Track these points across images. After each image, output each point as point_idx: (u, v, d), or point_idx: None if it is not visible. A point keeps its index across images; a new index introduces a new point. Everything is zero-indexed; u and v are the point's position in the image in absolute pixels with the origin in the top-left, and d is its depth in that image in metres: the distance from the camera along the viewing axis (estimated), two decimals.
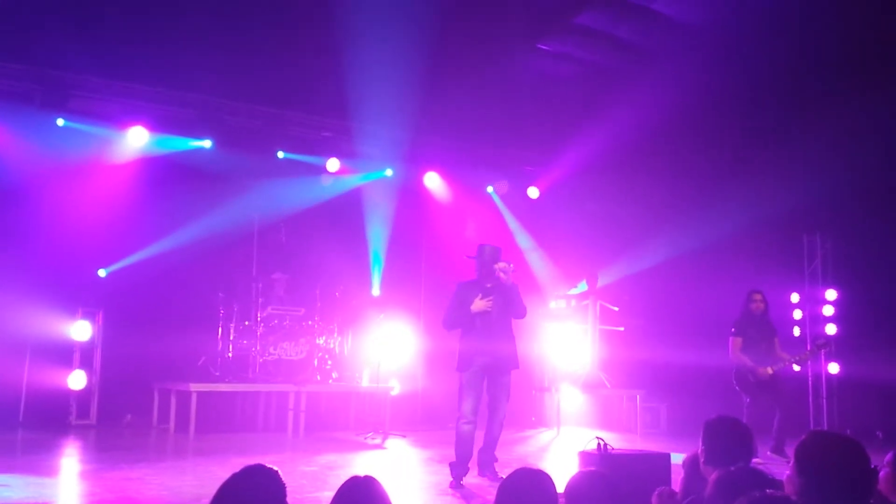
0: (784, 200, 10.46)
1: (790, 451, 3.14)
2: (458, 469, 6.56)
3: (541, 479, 2.94)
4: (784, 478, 3.52)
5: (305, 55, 10.03)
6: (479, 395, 6.63)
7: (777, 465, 7.36)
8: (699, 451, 3.85)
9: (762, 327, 8.63)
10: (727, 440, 3.68)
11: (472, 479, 6.69)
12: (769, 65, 10.24)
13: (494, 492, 6.25)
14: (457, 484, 6.49)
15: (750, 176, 10.79)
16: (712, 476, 3.47)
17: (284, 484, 2.87)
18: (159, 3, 9.39)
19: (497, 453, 6.89)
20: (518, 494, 2.95)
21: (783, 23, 9.71)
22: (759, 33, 9.90)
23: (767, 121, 11.08)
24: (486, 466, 6.76)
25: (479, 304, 6.65)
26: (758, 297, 8.60)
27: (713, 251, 11.22)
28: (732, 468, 3.54)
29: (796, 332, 11.44)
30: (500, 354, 6.68)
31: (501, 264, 6.68)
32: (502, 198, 12.90)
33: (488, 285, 6.74)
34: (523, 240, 12.92)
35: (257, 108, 11.08)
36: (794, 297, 11.61)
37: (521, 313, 6.81)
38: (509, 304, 6.72)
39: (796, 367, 10.14)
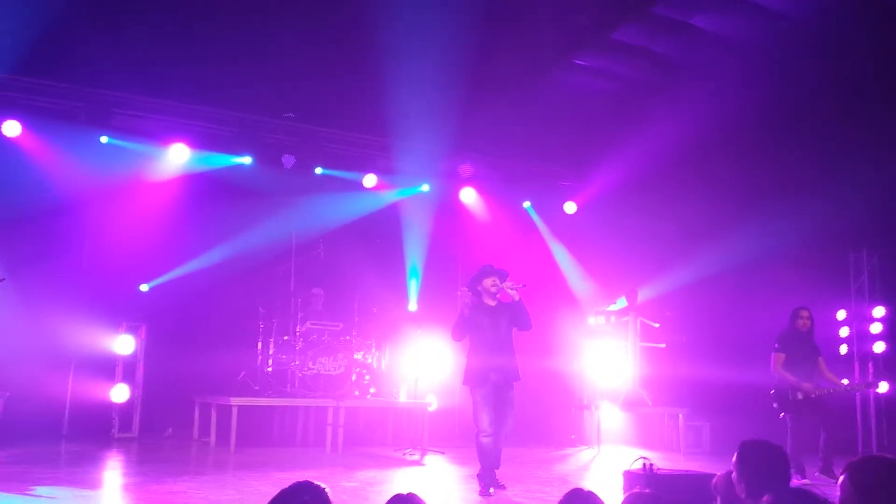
0: (829, 216, 10.25)
1: (839, 471, 3.05)
2: (485, 479, 6.90)
3: (593, 501, 2.90)
4: (836, 500, 3.42)
5: (343, 73, 10.13)
6: (493, 407, 6.97)
7: (827, 486, 7.17)
8: (734, 476, 3.73)
9: (807, 346, 8.39)
10: (763, 466, 3.58)
11: (475, 492, 6.87)
12: (813, 79, 10.07)
13: (499, 498, 6.33)
14: (486, 492, 6.78)
15: (793, 192, 10.60)
16: (765, 498, 3.38)
17: (331, 502, 2.85)
18: (201, 23, 9.54)
19: (538, 471, 6.97)
20: None
21: (827, 36, 9.57)
22: (802, 48, 9.76)
23: (811, 136, 10.90)
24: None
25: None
26: (805, 313, 8.37)
27: (756, 267, 11.02)
28: (785, 491, 3.45)
29: (843, 349, 11.21)
30: (508, 369, 7.03)
31: (509, 283, 7.04)
32: (537, 212, 12.86)
33: (492, 304, 7.11)
34: (560, 255, 12.84)
35: (296, 126, 11.20)
36: (841, 315, 11.38)
37: (529, 326, 7.16)
38: (516, 320, 7.10)
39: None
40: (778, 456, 3.68)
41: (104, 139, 10.09)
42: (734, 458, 3.67)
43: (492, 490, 6.82)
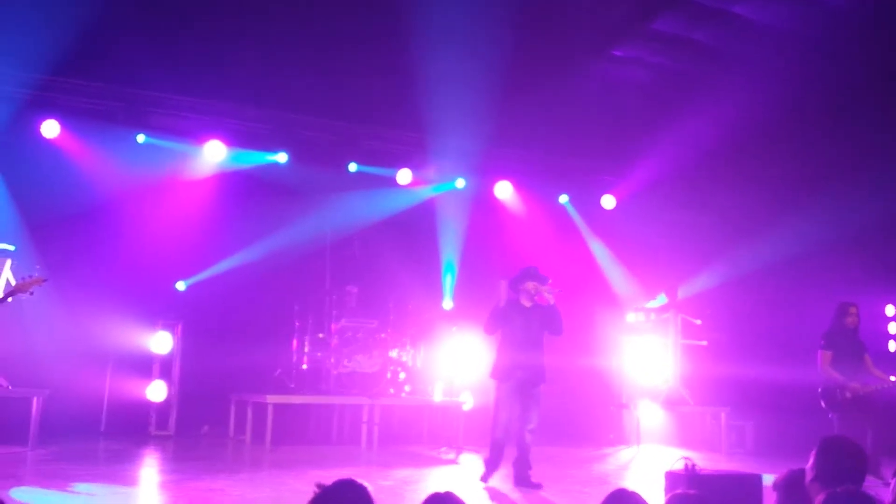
0: (877, 209, 9.96)
1: (887, 472, 2.96)
2: (491, 465, 7.21)
3: (637, 503, 2.79)
4: (888, 502, 3.29)
5: (378, 70, 10.09)
6: (515, 404, 7.16)
7: (874, 487, 6.92)
8: (809, 466, 3.65)
9: (853, 343, 8.20)
10: (842, 460, 3.50)
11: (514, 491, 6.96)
12: (854, 67, 9.80)
13: (537, 498, 6.30)
14: (487, 478, 7.14)
15: (839, 184, 10.31)
16: (819, 497, 3.26)
17: (374, 500, 2.78)
18: (235, 22, 9.57)
19: (576, 471, 6.92)
20: None
21: (867, 23, 9.30)
22: (843, 35, 9.50)
23: (856, 126, 10.59)
24: (523, 479, 7.10)
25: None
26: (853, 310, 8.17)
27: (801, 262, 10.74)
28: (839, 490, 3.33)
29: (892, 346, 10.88)
30: (535, 368, 7.22)
31: (546, 288, 7.26)
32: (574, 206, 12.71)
33: (528, 305, 7.28)
34: (598, 250, 12.65)
35: (331, 123, 11.18)
36: (890, 310, 11.05)
37: (560, 331, 7.38)
38: (549, 322, 7.32)
39: None
40: (858, 454, 3.64)
41: (141, 138, 10.16)
42: (814, 451, 3.63)
43: (521, 480, 6.99)
